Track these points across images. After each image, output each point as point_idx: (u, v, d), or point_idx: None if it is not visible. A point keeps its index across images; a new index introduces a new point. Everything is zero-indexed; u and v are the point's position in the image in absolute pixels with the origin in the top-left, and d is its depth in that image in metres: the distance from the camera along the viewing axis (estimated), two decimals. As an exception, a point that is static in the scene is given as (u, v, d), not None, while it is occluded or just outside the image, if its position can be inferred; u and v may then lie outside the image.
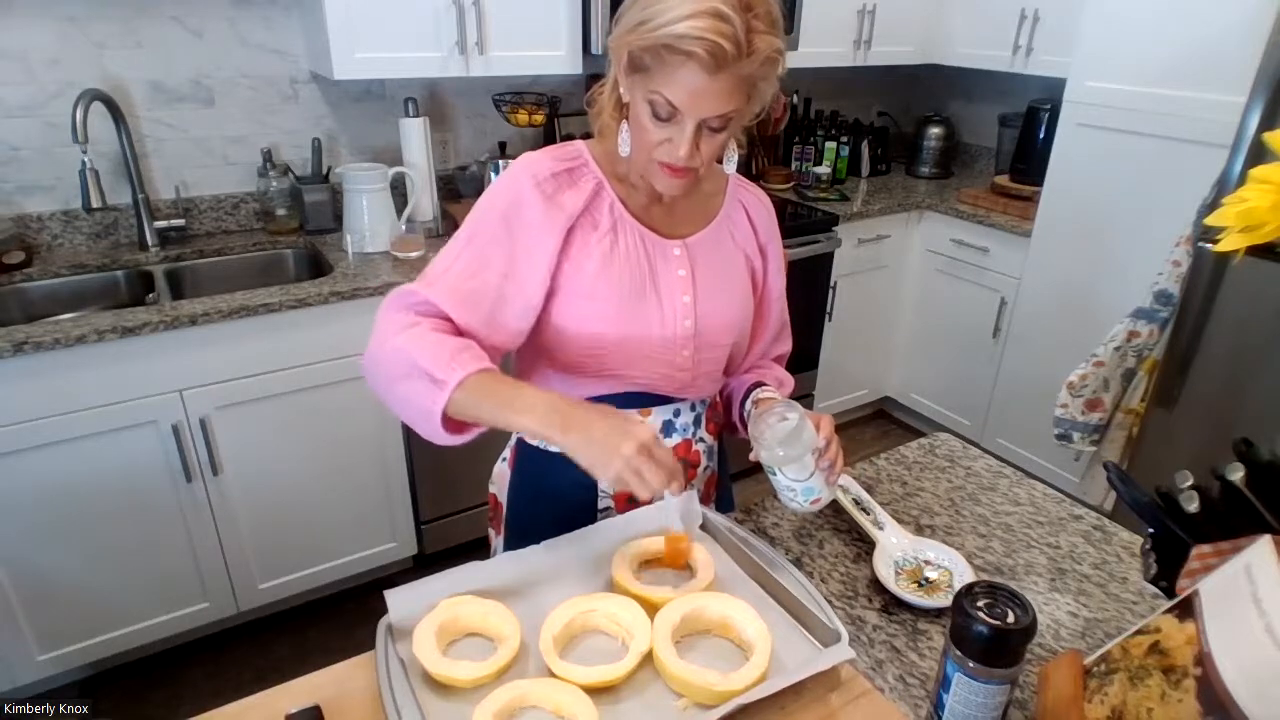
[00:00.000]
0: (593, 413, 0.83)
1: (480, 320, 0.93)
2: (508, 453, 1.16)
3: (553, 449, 1.07)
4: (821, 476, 0.96)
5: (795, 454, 0.93)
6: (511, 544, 1.11)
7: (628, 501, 1.07)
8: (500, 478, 1.17)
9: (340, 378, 1.88)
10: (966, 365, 2.84)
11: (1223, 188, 1.71)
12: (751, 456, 1.04)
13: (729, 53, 0.80)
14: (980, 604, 0.70)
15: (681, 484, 0.84)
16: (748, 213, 1.08)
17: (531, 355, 1.04)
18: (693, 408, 1.09)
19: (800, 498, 0.97)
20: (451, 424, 0.88)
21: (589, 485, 1.07)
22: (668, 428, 1.07)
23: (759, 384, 1.10)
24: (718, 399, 1.16)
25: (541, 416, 0.83)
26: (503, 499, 1.16)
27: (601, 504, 1.08)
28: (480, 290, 0.94)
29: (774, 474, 0.98)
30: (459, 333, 0.92)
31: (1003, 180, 2.78)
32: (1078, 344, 2.19)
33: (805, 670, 0.77)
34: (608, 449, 0.80)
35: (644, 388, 1.03)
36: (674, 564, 0.94)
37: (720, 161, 0.99)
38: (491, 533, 1.22)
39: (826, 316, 2.76)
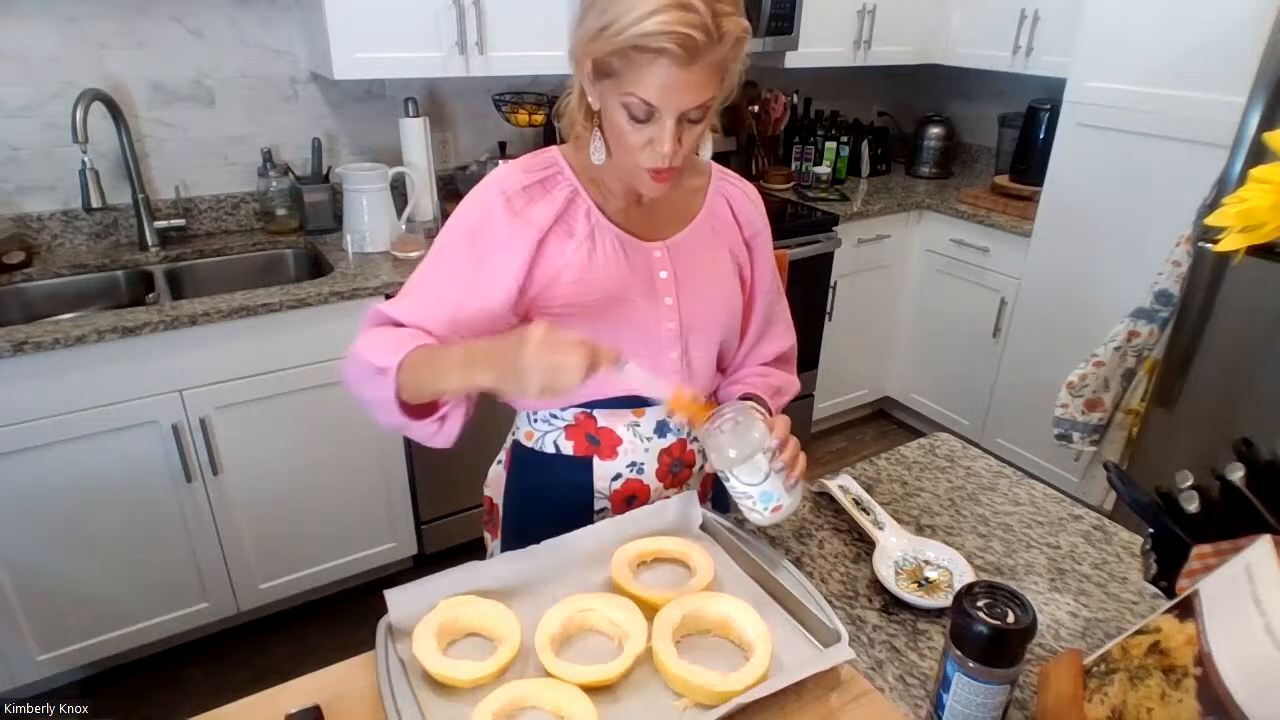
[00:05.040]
0: (497, 343, 0.81)
1: (443, 334, 0.94)
2: (503, 455, 1.16)
3: (548, 451, 1.07)
4: (779, 479, 0.90)
5: (745, 453, 0.88)
6: (508, 547, 1.11)
7: (624, 503, 1.07)
8: (496, 481, 1.17)
9: (340, 378, 1.88)
10: (966, 365, 2.84)
11: (1223, 188, 1.71)
12: (707, 467, 1.03)
13: (700, 42, 0.78)
14: (980, 604, 0.70)
15: (610, 352, 0.79)
16: (731, 206, 1.07)
17: None
18: None
19: (759, 505, 0.92)
20: (420, 410, 0.89)
21: (584, 487, 1.07)
22: (661, 428, 1.07)
23: (747, 396, 1.08)
24: (713, 399, 1.16)
25: (459, 366, 0.83)
26: (498, 502, 1.16)
27: (598, 505, 1.08)
28: (443, 305, 0.94)
29: (728, 480, 0.92)
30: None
31: (1003, 180, 2.78)
32: (1078, 344, 2.18)
33: (805, 670, 0.77)
34: (515, 368, 0.77)
35: (635, 391, 1.02)
36: (696, 421, 0.88)
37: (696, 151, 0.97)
38: (487, 536, 1.22)
39: (826, 316, 2.76)
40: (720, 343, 1.07)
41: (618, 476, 1.07)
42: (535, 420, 1.08)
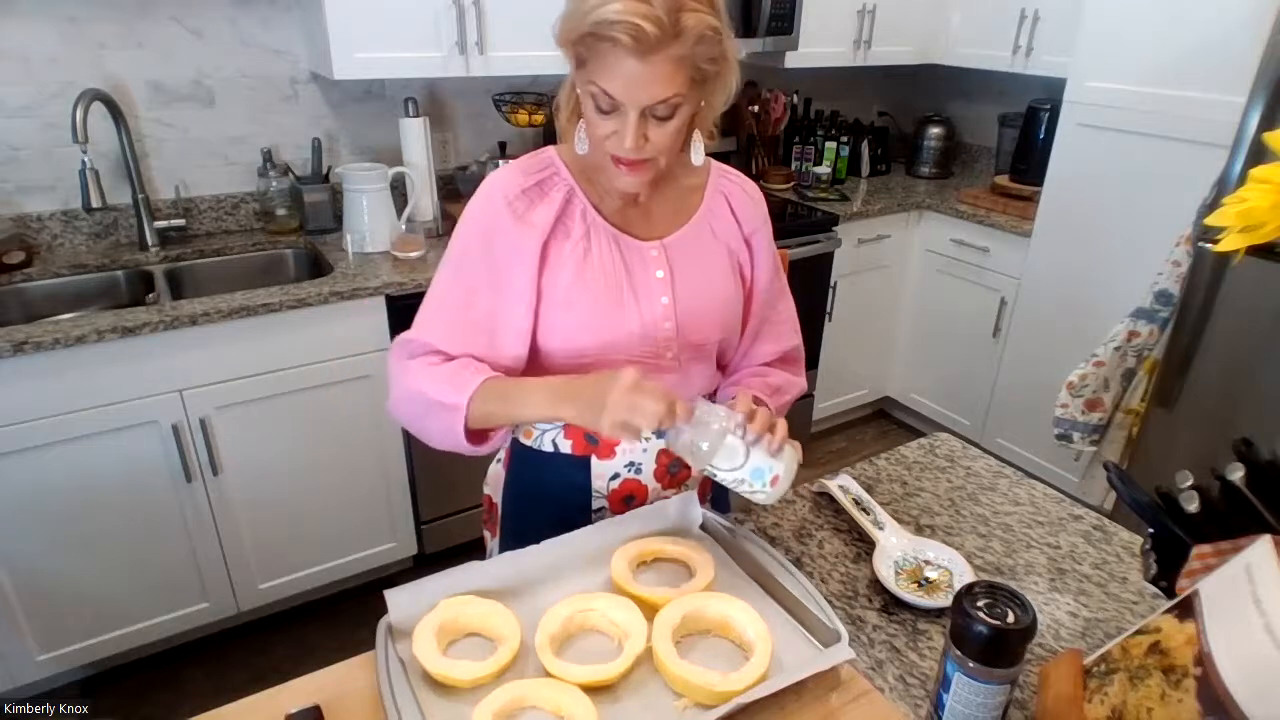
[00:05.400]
0: (583, 380, 0.88)
1: (480, 351, 0.97)
2: (502, 454, 1.16)
3: (546, 450, 1.07)
4: (761, 452, 0.87)
5: (714, 442, 0.86)
6: (507, 545, 1.11)
7: (622, 502, 1.07)
8: (495, 479, 1.17)
9: (340, 378, 1.88)
10: (966, 365, 2.84)
11: (1223, 188, 1.71)
12: (694, 473, 1.03)
13: (651, 34, 0.78)
14: (980, 604, 0.70)
15: (687, 407, 0.83)
16: (730, 204, 1.06)
17: (521, 367, 1.03)
18: None
19: (755, 484, 0.88)
20: (477, 435, 0.95)
21: (582, 487, 1.07)
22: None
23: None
24: (710, 399, 1.15)
25: (543, 402, 0.89)
26: (498, 500, 1.16)
27: (595, 504, 1.08)
28: (475, 323, 0.97)
29: (715, 475, 0.91)
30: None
31: (1003, 180, 2.78)
32: (1078, 344, 2.18)
33: (805, 670, 0.77)
34: (596, 402, 0.83)
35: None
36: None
37: (687, 151, 0.97)
38: (486, 535, 1.22)
39: (826, 316, 2.76)
40: (719, 342, 1.06)
41: (615, 476, 1.07)
42: None
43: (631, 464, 1.06)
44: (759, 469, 0.88)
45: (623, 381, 0.82)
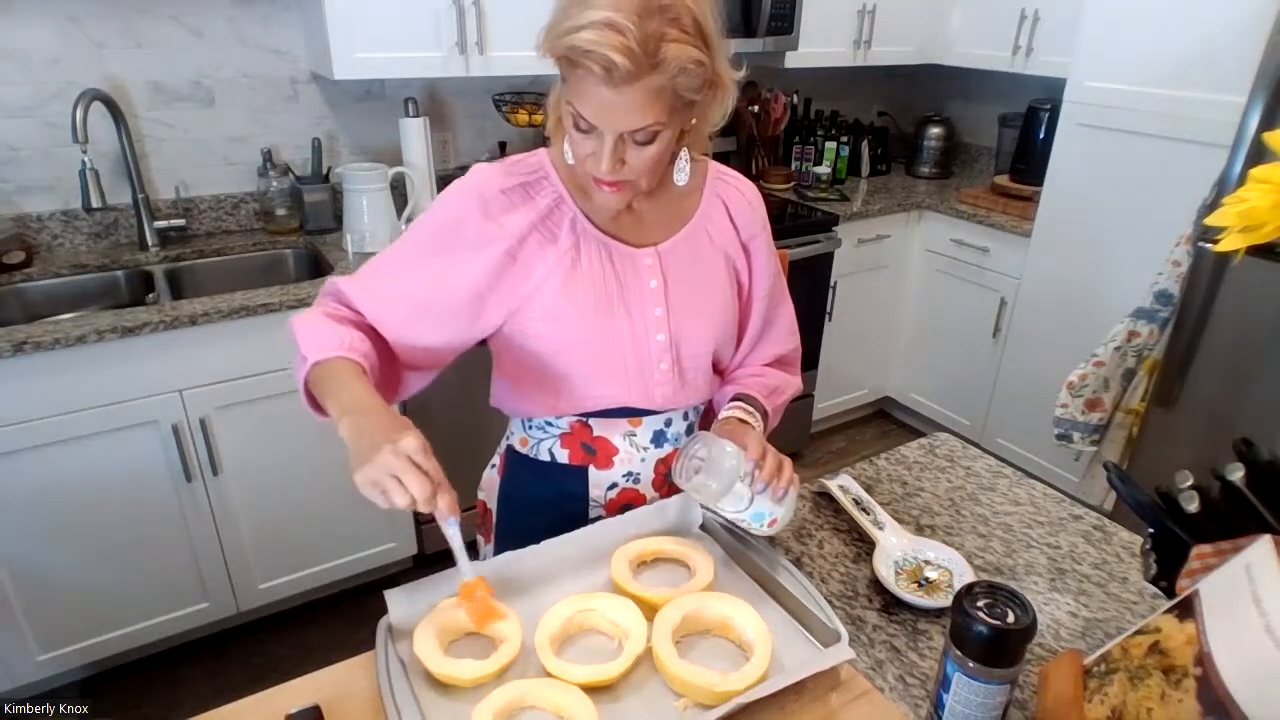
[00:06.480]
0: (377, 420, 0.77)
1: (394, 326, 0.93)
2: (496, 460, 1.14)
3: (542, 459, 1.06)
4: (766, 498, 0.90)
5: (724, 483, 0.88)
6: (501, 552, 1.11)
7: (619, 512, 1.06)
8: (489, 485, 1.15)
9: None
10: (966, 365, 2.84)
11: (1223, 188, 1.71)
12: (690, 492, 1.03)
13: (622, 67, 0.75)
14: (980, 604, 0.70)
15: (451, 500, 0.75)
16: (727, 209, 1.03)
17: (512, 377, 1.02)
18: (685, 416, 1.07)
19: (754, 524, 0.92)
20: (315, 403, 0.88)
21: (580, 496, 1.06)
22: (658, 438, 1.05)
23: (738, 397, 1.06)
24: (712, 405, 1.13)
25: (336, 409, 0.80)
26: (492, 506, 1.14)
27: (593, 513, 1.07)
28: (396, 299, 0.93)
29: (718, 513, 0.92)
30: (370, 330, 0.92)
31: (1003, 180, 2.78)
32: (1078, 344, 2.19)
33: (805, 670, 0.77)
34: (367, 449, 0.74)
35: (626, 403, 1.00)
36: (480, 622, 0.81)
37: (673, 169, 0.96)
38: (480, 540, 1.20)
39: (826, 316, 2.76)
40: (713, 352, 1.04)
41: (613, 486, 1.06)
42: (530, 427, 1.06)
43: (630, 474, 1.05)
44: (760, 513, 0.91)
45: (401, 445, 0.73)
